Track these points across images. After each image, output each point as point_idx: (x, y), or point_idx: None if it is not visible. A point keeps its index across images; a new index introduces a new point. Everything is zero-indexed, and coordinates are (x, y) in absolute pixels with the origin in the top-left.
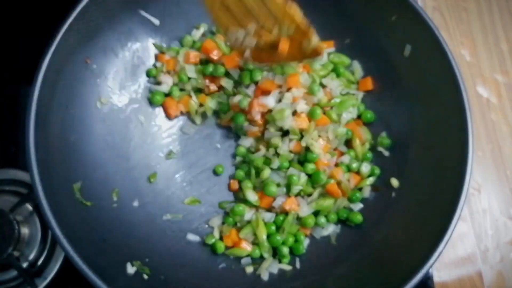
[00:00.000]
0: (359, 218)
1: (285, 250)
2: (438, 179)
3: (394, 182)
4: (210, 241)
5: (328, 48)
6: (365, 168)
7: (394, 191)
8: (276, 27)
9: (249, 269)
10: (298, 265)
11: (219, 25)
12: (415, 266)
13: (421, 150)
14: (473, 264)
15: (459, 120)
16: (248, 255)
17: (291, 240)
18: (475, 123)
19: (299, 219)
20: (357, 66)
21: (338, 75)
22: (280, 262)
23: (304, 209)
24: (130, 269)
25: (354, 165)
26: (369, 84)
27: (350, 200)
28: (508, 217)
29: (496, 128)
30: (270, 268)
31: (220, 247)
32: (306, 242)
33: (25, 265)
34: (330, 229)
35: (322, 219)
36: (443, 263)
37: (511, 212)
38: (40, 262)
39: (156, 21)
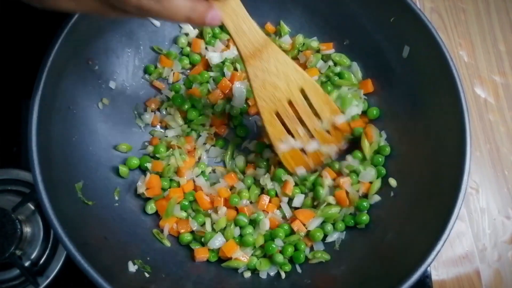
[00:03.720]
0: (365, 219)
1: (280, 258)
2: (436, 179)
3: (392, 181)
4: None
5: (327, 50)
6: (370, 172)
7: (392, 191)
8: (318, 122)
9: (247, 274)
10: (298, 269)
11: (273, 137)
12: (413, 265)
13: (420, 150)
14: (471, 262)
15: (457, 120)
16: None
17: (290, 250)
18: (473, 124)
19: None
20: (356, 68)
21: (341, 78)
22: (280, 267)
23: (313, 223)
24: (132, 267)
25: (360, 167)
26: (369, 86)
27: (358, 208)
28: (506, 217)
29: (494, 129)
30: (269, 270)
31: (213, 256)
32: (307, 249)
33: (27, 264)
34: (335, 236)
35: (329, 227)
36: (441, 262)
37: (508, 211)
38: (42, 260)
39: (157, 23)
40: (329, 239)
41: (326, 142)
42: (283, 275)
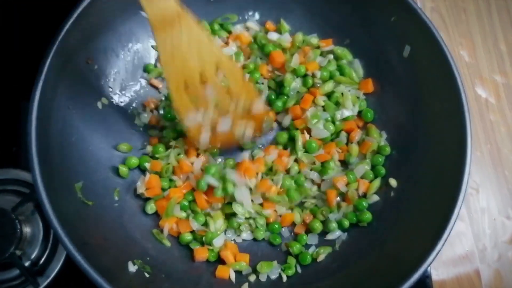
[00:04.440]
0: (368, 216)
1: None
2: (436, 179)
3: (393, 182)
4: (194, 246)
5: (326, 46)
6: (363, 167)
7: (393, 191)
8: (232, 104)
9: (252, 278)
10: (299, 269)
11: (179, 108)
12: (413, 265)
13: (420, 150)
14: (471, 262)
15: (457, 120)
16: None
17: (298, 247)
18: (474, 124)
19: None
20: (358, 65)
21: (342, 74)
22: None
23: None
24: (132, 268)
25: (352, 160)
26: (369, 86)
27: (356, 208)
28: (506, 217)
29: (495, 129)
30: (270, 273)
31: (213, 256)
32: (311, 248)
33: (27, 264)
34: (336, 233)
35: (333, 224)
36: (441, 262)
37: (509, 211)
38: (42, 260)
39: None
40: (329, 237)
41: (239, 123)
42: (284, 278)
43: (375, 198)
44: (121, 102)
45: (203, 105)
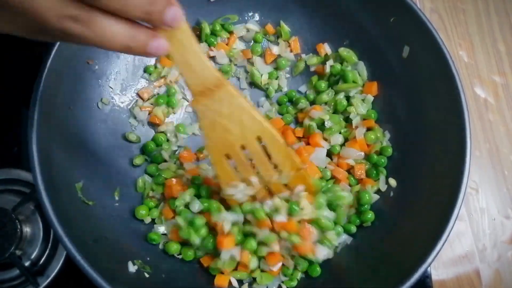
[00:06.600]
0: (371, 216)
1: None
2: (436, 179)
3: (392, 181)
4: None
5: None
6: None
7: (392, 191)
8: (276, 175)
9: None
10: (298, 275)
11: (221, 178)
12: (413, 265)
13: (419, 150)
14: (470, 262)
15: (456, 120)
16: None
17: (304, 265)
18: (473, 123)
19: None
20: (362, 67)
21: (345, 81)
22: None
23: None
24: (132, 268)
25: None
26: (374, 89)
27: (358, 211)
28: (506, 217)
29: (494, 128)
30: (269, 285)
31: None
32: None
33: (27, 263)
34: (343, 237)
35: (339, 228)
36: (441, 262)
37: (508, 211)
38: (42, 260)
39: None
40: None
41: (281, 193)
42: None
43: (375, 197)
44: (122, 102)
45: (245, 177)
